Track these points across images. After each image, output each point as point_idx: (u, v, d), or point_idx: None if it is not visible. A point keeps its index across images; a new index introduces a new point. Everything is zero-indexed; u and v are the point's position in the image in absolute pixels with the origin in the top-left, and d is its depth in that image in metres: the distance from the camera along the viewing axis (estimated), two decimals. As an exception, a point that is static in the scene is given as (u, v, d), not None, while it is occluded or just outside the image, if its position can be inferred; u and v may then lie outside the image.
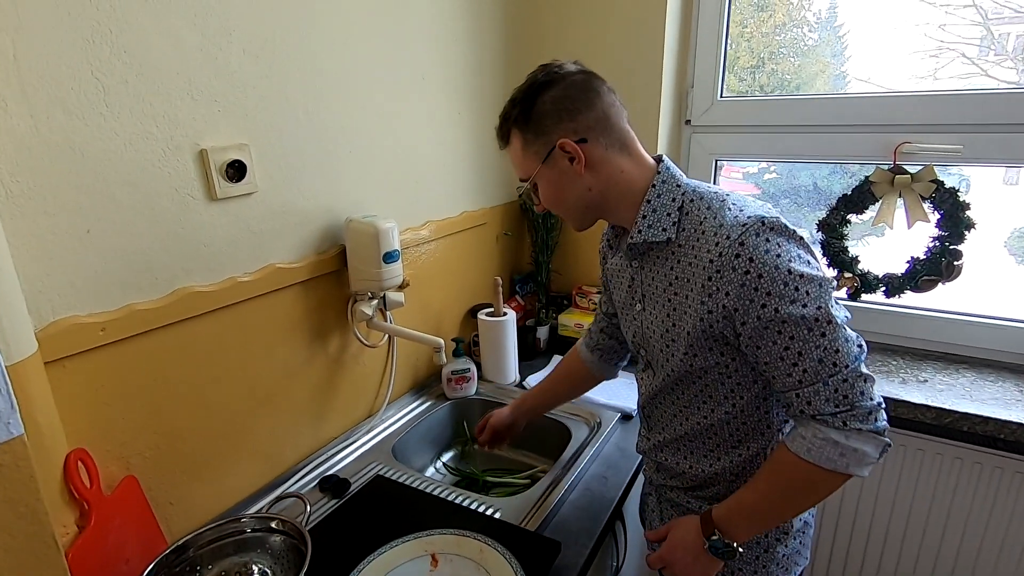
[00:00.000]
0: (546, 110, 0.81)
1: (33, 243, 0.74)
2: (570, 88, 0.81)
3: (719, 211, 0.77)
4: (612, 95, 0.83)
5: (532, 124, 0.83)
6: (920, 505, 1.40)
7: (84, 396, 0.81)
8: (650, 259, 0.85)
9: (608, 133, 0.82)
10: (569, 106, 0.80)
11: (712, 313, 0.76)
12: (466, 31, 1.45)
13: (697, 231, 0.78)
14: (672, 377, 0.86)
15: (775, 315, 0.72)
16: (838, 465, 0.73)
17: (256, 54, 0.97)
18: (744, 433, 0.86)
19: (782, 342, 0.73)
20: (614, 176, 0.83)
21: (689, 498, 0.94)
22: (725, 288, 0.74)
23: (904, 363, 1.48)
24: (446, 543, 0.91)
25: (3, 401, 0.52)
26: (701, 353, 0.81)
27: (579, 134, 0.81)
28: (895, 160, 1.40)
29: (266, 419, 1.09)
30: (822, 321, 0.72)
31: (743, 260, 0.73)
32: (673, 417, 0.91)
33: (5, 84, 0.69)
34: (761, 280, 0.72)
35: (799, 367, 0.73)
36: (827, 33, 1.61)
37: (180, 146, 0.88)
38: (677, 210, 0.81)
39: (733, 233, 0.74)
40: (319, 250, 1.14)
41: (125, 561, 0.80)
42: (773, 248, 0.73)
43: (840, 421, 0.72)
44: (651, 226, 0.82)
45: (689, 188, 0.82)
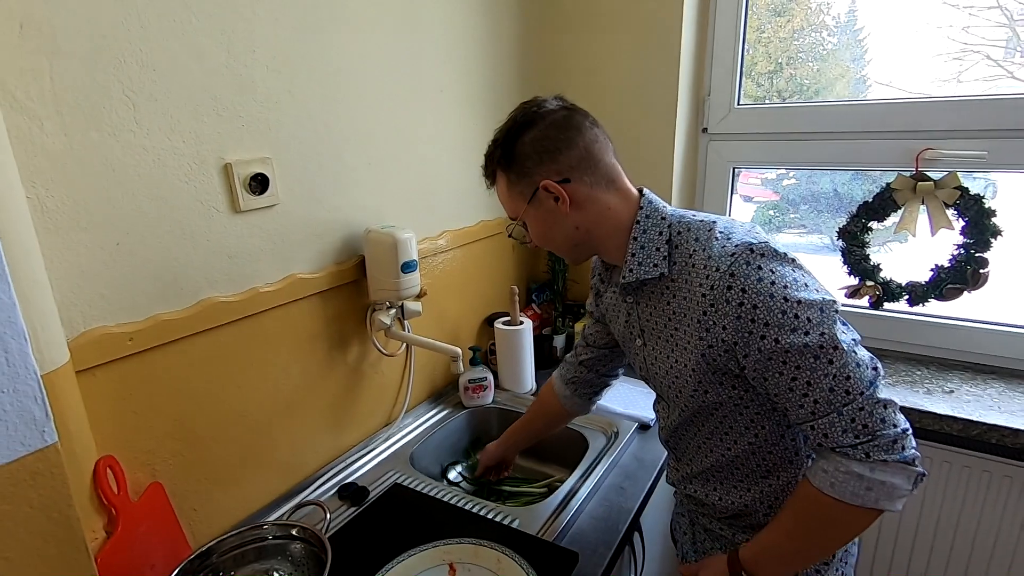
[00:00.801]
0: (527, 152, 0.80)
1: (66, 256, 0.77)
2: (550, 128, 0.79)
3: (707, 242, 0.75)
4: (595, 130, 0.81)
5: (515, 166, 0.81)
6: (947, 520, 1.36)
7: (112, 404, 0.84)
8: (644, 295, 0.83)
9: (592, 171, 0.80)
10: (550, 146, 0.79)
11: (713, 348, 0.74)
12: (483, 44, 1.47)
13: (687, 264, 0.76)
14: (688, 411, 0.84)
15: (776, 346, 0.69)
16: (865, 500, 0.68)
17: (279, 70, 0.99)
18: (771, 463, 0.84)
19: (788, 373, 0.70)
20: (601, 213, 0.81)
21: (722, 526, 0.92)
22: (721, 322, 0.72)
23: (929, 373, 1.45)
24: (464, 552, 0.91)
25: (38, 410, 0.54)
26: (712, 388, 0.79)
27: (562, 174, 0.79)
28: (917, 167, 1.38)
29: (286, 427, 1.11)
30: (827, 348, 0.68)
31: (736, 292, 0.70)
32: (697, 450, 0.89)
33: (42, 105, 0.72)
34: (757, 311, 0.69)
35: (809, 398, 0.69)
36: (847, 37, 1.59)
37: (206, 160, 0.91)
38: (666, 243, 0.79)
39: (722, 264, 0.71)
40: (338, 260, 1.16)
41: (151, 566, 0.82)
42: (766, 276, 0.70)
43: (862, 452, 0.67)
44: (641, 263, 0.80)
45: (674, 219, 0.80)
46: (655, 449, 1.25)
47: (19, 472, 0.53)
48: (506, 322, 1.50)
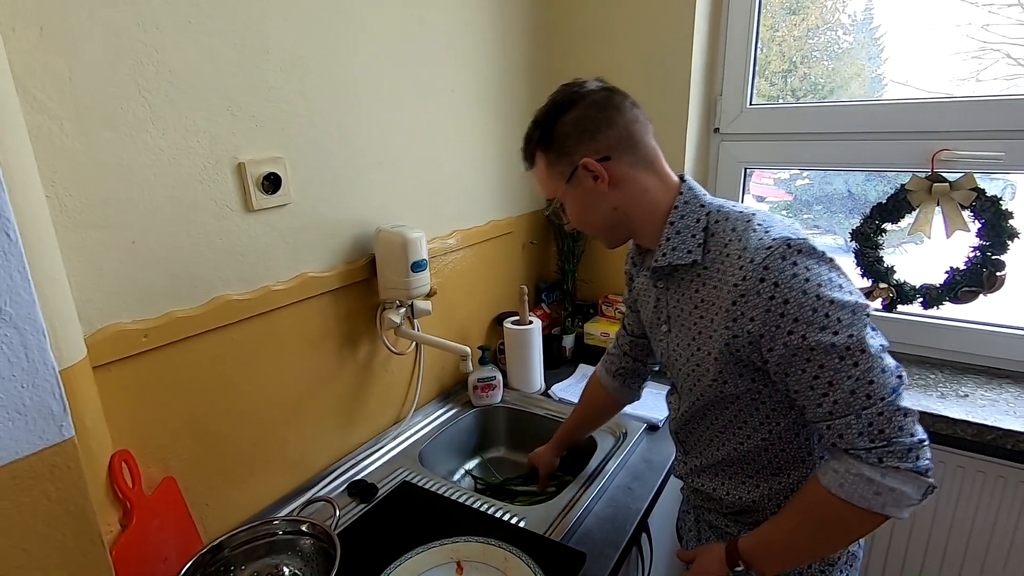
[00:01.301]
0: (567, 131, 0.81)
1: (84, 254, 0.78)
2: (590, 107, 0.80)
3: (744, 233, 0.75)
4: (636, 110, 0.82)
5: (554, 145, 0.82)
6: (960, 525, 1.35)
7: (127, 400, 0.85)
8: (675, 280, 0.84)
9: (632, 150, 0.81)
10: (590, 125, 0.80)
11: (738, 338, 0.74)
12: (494, 44, 1.47)
13: (722, 253, 0.76)
14: (702, 401, 0.84)
15: (802, 342, 0.69)
16: (872, 504, 0.68)
17: (291, 71, 1.00)
18: (783, 460, 0.83)
19: (811, 371, 0.70)
20: (640, 194, 0.82)
21: (728, 522, 0.92)
22: (750, 314, 0.72)
23: (943, 377, 1.43)
24: (471, 551, 0.92)
25: (56, 405, 0.55)
26: (731, 379, 0.79)
27: (601, 153, 0.80)
28: (933, 168, 1.37)
29: (297, 424, 1.12)
30: (854, 350, 0.68)
31: (768, 285, 0.70)
32: (709, 443, 0.89)
33: (61, 105, 0.73)
34: (787, 306, 0.69)
35: (829, 397, 0.69)
36: (863, 35, 1.58)
37: (220, 160, 0.92)
38: (702, 231, 0.79)
39: (757, 256, 0.71)
40: (349, 259, 1.17)
41: (164, 559, 0.83)
42: (801, 272, 0.70)
43: (875, 457, 0.67)
44: (675, 248, 0.80)
45: (713, 207, 0.80)
46: (663, 450, 1.24)
47: (37, 465, 0.54)
48: (515, 322, 1.50)
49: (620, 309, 1.70)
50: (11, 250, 0.51)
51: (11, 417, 0.52)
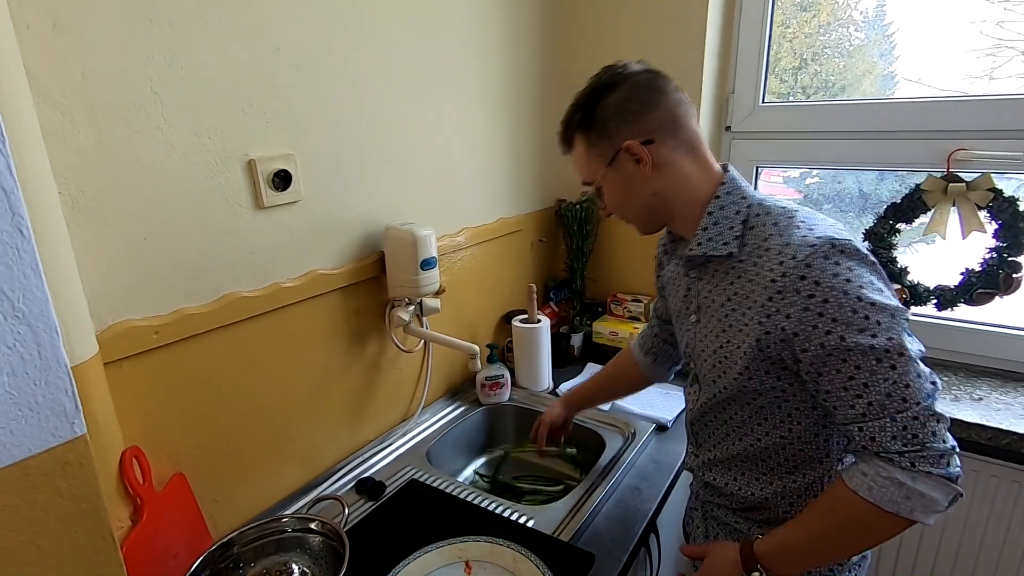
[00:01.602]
0: (610, 113, 0.79)
1: (96, 251, 0.78)
2: (634, 89, 0.79)
3: (786, 228, 0.74)
4: (679, 94, 0.80)
5: (596, 127, 0.81)
6: (973, 530, 1.33)
7: (138, 396, 0.85)
8: (708, 271, 0.83)
9: (675, 134, 0.79)
10: (634, 107, 0.78)
11: (770, 334, 0.73)
12: (505, 41, 1.46)
13: (761, 247, 0.75)
14: (724, 395, 0.83)
15: (840, 343, 0.68)
16: (901, 508, 0.67)
17: (302, 67, 1.00)
18: (800, 460, 0.83)
19: (846, 371, 0.69)
20: (681, 180, 0.80)
21: (737, 518, 0.91)
22: (786, 310, 0.71)
23: (957, 379, 1.41)
24: (480, 550, 0.91)
25: (69, 402, 0.55)
26: (757, 375, 0.77)
27: (645, 135, 0.78)
28: (949, 167, 1.35)
29: (306, 421, 1.12)
30: (893, 352, 0.67)
31: (808, 283, 0.69)
32: (724, 437, 0.88)
33: (73, 101, 0.73)
34: (827, 305, 0.68)
35: (863, 399, 0.68)
36: (874, 32, 1.55)
37: (231, 157, 0.92)
38: (741, 223, 0.78)
39: (800, 253, 0.70)
40: (359, 257, 1.17)
41: (174, 555, 0.83)
42: (843, 272, 0.69)
43: (908, 461, 0.66)
44: (711, 239, 0.79)
45: (755, 201, 0.79)
46: (672, 451, 1.24)
47: (50, 462, 0.54)
48: (524, 320, 1.50)
49: (629, 308, 1.69)
50: (25, 247, 0.50)
51: (24, 415, 0.52)
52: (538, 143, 1.66)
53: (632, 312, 1.68)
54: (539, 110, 1.63)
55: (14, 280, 0.50)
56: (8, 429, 0.51)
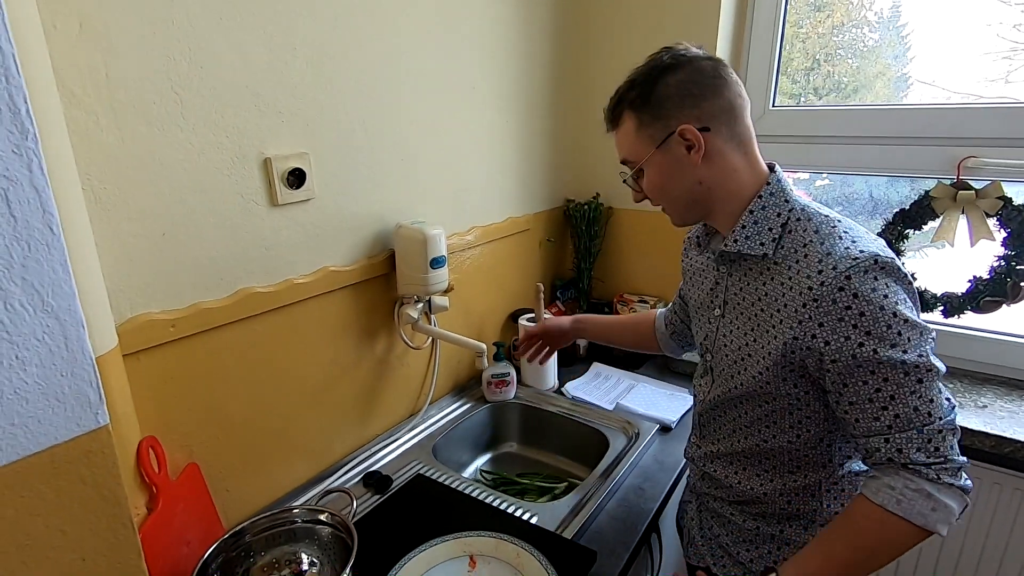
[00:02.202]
0: (669, 93, 0.76)
1: (116, 245, 0.80)
2: (696, 73, 0.76)
3: (828, 237, 0.73)
4: (740, 86, 0.79)
5: (651, 106, 0.78)
6: (975, 537, 1.34)
7: (155, 387, 0.87)
8: (739, 269, 0.83)
9: (732, 125, 0.77)
10: (695, 91, 0.76)
11: (798, 340, 0.73)
12: (516, 41, 1.47)
13: (799, 252, 0.74)
14: (738, 392, 0.84)
15: (872, 356, 0.69)
16: (928, 520, 0.68)
17: (317, 67, 1.01)
18: (803, 463, 0.84)
19: (873, 383, 0.70)
20: (727, 174, 0.79)
21: (732, 510, 0.92)
22: (819, 319, 0.71)
23: (962, 387, 1.42)
24: (484, 545, 0.93)
25: (93, 393, 0.57)
26: (775, 380, 0.78)
27: (703, 121, 0.76)
28: (959, 175, 1.35)
29: (316, 415, 1.14)
30: (922, 368, 0.68)
31: (846, 295, 0.69)
32: (731, 433, 0.89)
33: (97, 100, 0.75)
34: (863, 319, 0.69)
35: (889, 411, 0.69)
36: (889, 33, 1.55)
37: (247, 155, 0.94)
38: (780, 226, 0.77)
39: (841, 265, 0.70)
40: (369, 254, 1.19)
41: (187, 543, 0.86)
42: (881, 288, 0.69)
43: (934, 473, 0.68)
44: (748, 237, 0.78)
45: (798, 206, 0.78)
46: (676, 452, 1.25)
47: (74, 451, 0.56)
48: (531, 319, 1.51)
49: (635, 309, 1.70)
50: (54, 244, 0.52)
51: (51, 404, 0.54)
52: (548, 143, 1.67)
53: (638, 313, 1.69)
54: (550, 110, 1.64)
55: (44, 275, 0.52)
56: (36, 418, 0.53)
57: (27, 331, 0.52)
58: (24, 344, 0.51)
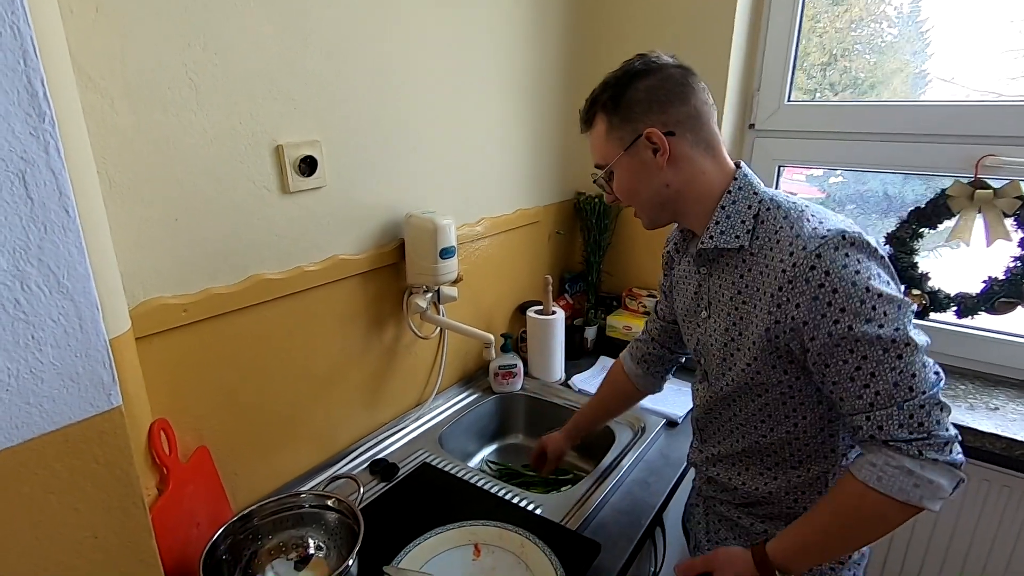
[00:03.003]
0: (638, 98, 0.80)
1: (130, 230, 0.81)
2: (666, 80, 0.79)
3: (796, 221, 0.75)
4: (706, 94, 0.82)
5: (621, 109, 0.81)
6: (982, 540, 1.33)
7: (166, 371, 0.89)
8: (719, 266, 0.84)
9: (696, 131, 0.80)
10: (662, 97, 0.79)
11: (779, 324, 0.74)
12: (529, 32, 1.46)
13: (772, 240, 0.76)
14: (730, 389, 0.84)
15: (848, 332, 0.69)
16: (911, 496, 0.68)
17: (331, 55, 1.01)
18: (806, 455, 0.84)
19: (853, 361, 0.70)
20: (695, 176, 0.81)
21: (740, 513, 0.92)
22: (796, 300, 0.72)
23: (974, 388, 1.40)
24: (489, 534, 0.94)
25: (106, 374, 0.58)
26: (765, 368, 0.79)
27: (668, 126, 0.79)
28: (976, 173, 1.33)
29: (323, 402, 1.15)
30: (899, 343, 0.69)
31: (818, 273, 0.70)
32: (730, 433, 0.89)
33: (112, 84, 0.76)
34: (836, 295, 0.70)
35: (871, 389, 0.70)
36: (908, 29, 1.52)
37: (259, 142, 0.94)
38: (752, 217, 0.79)
39: (810, 244, 0.71)
40: (379, 243, 1.19)
41: (196, 524, 0.87)
42: (852, 264, 0.70)
43: (915, 449, 0.68)
44: (723, 232, 0.80)
45: (766, 196, 0.80)
46: (682, 447, 1.25)
47: (88, 431, 0.57)
48: (539, 311, 1.51)
49: (644, 303, 1.70)
50: (69, 226, 0.53)
51: (65, 384, 0.55)
52: (560, 135, 1.66)
53: (647, 307, 1.69)
54: (562, 103, 1.63)
55: (59, 257, 0.53)
56: (51, 397, 0.54)
57: (43, 312, 0.52)
58: (40, 324, 0.52)
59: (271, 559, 0.88)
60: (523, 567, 0.89)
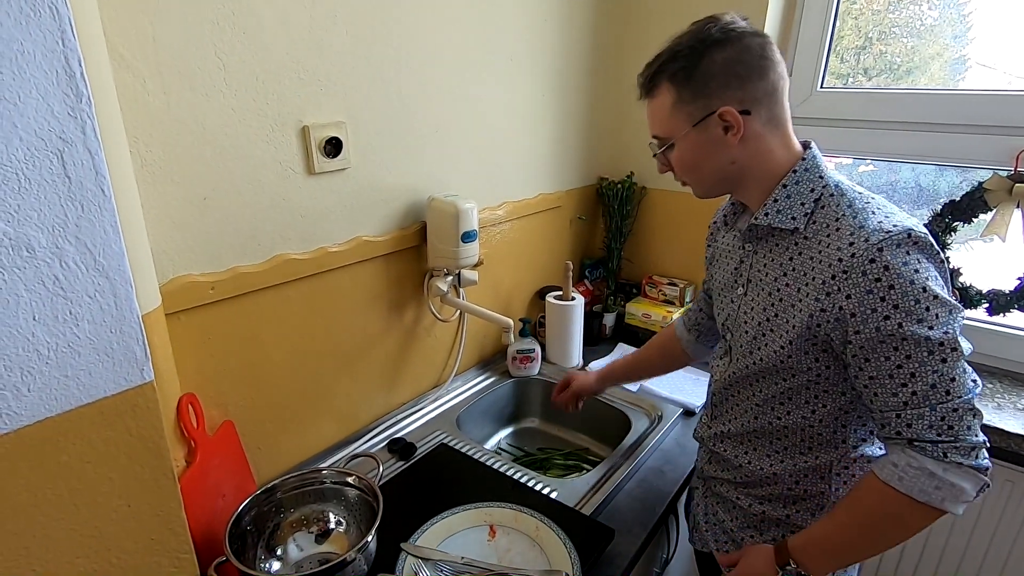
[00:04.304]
0: (715, 71, 0.74)
1: (160, 208, 0.83)
2: (745, 52, 0.74)
3: (861, 212, 0.73)
4: (783, 66, 0.77)
5: (693, 83, 0.75)
6: (1002, 541, 1.31)
7: (194, 346, 0.91)
8: (767, 245, 0.82)
9: (772, 108, 0.76)
10: (742, 71, 0.74)
11: (825, 312, 0.73)
12: (555, 13, 1.44)
13: (831, 227, 0.74)
14: (756, 367, 0.83)
15: (897, 330, 0.68)
16: (932, 498, 0.68)
17: (357, 36, 1.01)
18: (816, 442, 0.84)
19: (896, 359, 0.69)
20: (762, 154, 0.78)
21: (739, 494, 0.93)
22: (847, 291, 0.71)
23: (1002, 387, 1.37)
24: (504, 516, 0.95)
25: (139, 350, 0.60)
26: (797, 353, 0.78)
27: (745, 104, 0.74)
28: (1016, 166, 1.28)
29: (345, 380, 1.17)
30: (947, 347, 0.68)
31: (877, 267, 0.69)
32: (745, 411, 0.89)
33: (145, 64, 0.77)
34: (892, 291, 0.68)
35: (908, 388, 0.69)
36: (949, 11, 1.46)
37: (286, 123, 0.95)
38: (813, 201, 0.76)
39: (873, 238, 0.70)
40: (402, 226, 1.20)
41: (222, 495, 0.90)
42: (912, 263, 0.69)
43: (940, 452, 0.68)
44: (780, 211, 0.78)
45: (831, 182, 0.77)
46: (698, 436, 1.25)
47: (122, 404, 0.59)
48: (558, 296, 1.51)
49: (664, 291, 1.69)
50: (105, 205, 0.54)
51: (101, 359, 0.57)
52: (584, 119, 1.64)
53: (667, 296, 1.68)
54: (588, 86, 1.61)
55: (95, 235, 0.54)
56: (87, 371, 0.56)
57: (80, 288, 0.54)
58: (77, 300, 0.54)
59: (293, 532, 0.90)
60: (538, 549, 0.91)
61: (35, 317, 0.51)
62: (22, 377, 0.52)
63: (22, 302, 0.50)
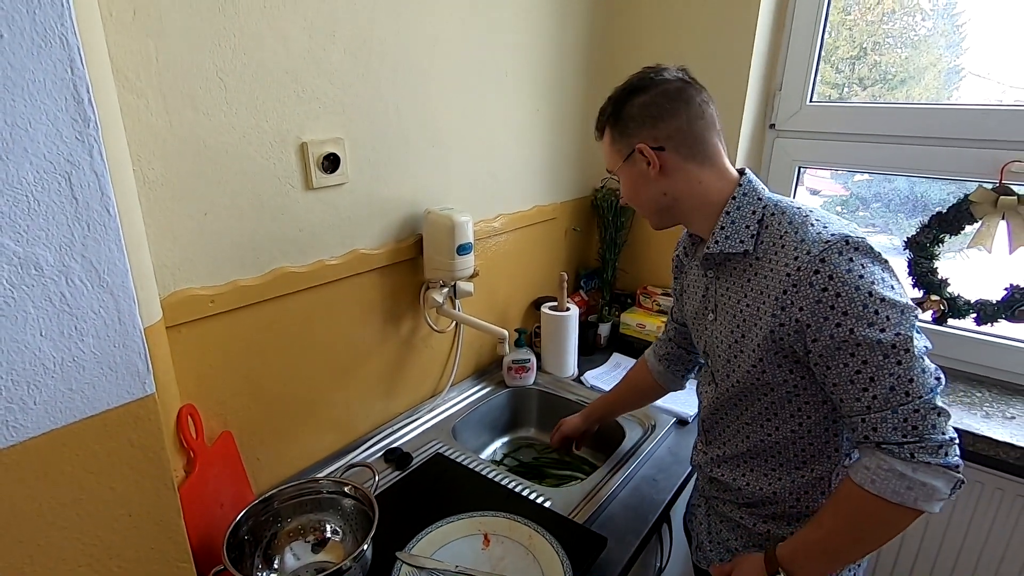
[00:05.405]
0: (632, 114, 0.84)
1: (162, 223, 0.85)
2: (661, 96, 0.83)
3: (801, 226, 0.77)
4: (705, 107, 0.84)
5: (620, 124, 0.86)
6: (993, 549, 1.32)
7: (194, 359, 0.93)
8: (726, 270, 0.86)
9: (690, 145, 0.83)
10: (654, 112, 0.83)
11: (784, 326, 0.76)
12: (550, 30, 1.47)
13: (776, 244, 0.78)
14: (736, 389, 0.86)
15: (849, 336, 0.71)
16: (905, 499, 0.70)
17: (355, 54, 1.03)
18: (809, 455, 0.85)
19: (854, 365, 0.72)
20: (690, 185, 0.84)
21: (742, 514, 0.94)
22: (799, 303, 0.74)
23: (991, 396, 1.39)
24: (498, 525, 0.97)
25: (141, 363, 0.62)
26: (770, 368, 0.80)
27: (658, 141, 0.83)
28: (1001, 179, 1.31)
29: (342, 391, 1.19)
30: (899, 348, 0.70)
31: (822, 276, 0.72)
32: (735, 433, 0.91)
33: (148, 84, 0.79)
34: (839, 299, 0.71)
35: (869, 392, 0.71)
36: (943, 22, 1.48)
37: (285, 139, 0.97)
38: (756, 223, 0.81)
39: (814, 249, 0.73)
40: (398, 238, 1.22)
41: (220, 505, 0.91)
42: (856, 268, 0.72)
43: (907, 452, 0.70)
44: (728, 237, 0.82)
45: (771, 202, 0.82)
46: (690, 445, 1.26)
47: (125, 416, 0.61)
48: (553, 307, 1.53)
49: (658, 301, 1.71)
50: (110, 224, 0.56)
51: (104, 373, 0.59)
52: (578, 132, 1.67)
53: (661, 306, 1.70)
54: (582, 100, 1.64)
55: (101, 253, 0.56)
56: (92, 384, 0.58)
57: (85, 305, 0.56)
58: (82, 316, 0.56)
59: (290, 541, 0.92)
60: (531, 558, 0.92)
61: (42, 333, 0.53)
62: (29, 391, 0.53)
63: (30, 318, 0.52)
